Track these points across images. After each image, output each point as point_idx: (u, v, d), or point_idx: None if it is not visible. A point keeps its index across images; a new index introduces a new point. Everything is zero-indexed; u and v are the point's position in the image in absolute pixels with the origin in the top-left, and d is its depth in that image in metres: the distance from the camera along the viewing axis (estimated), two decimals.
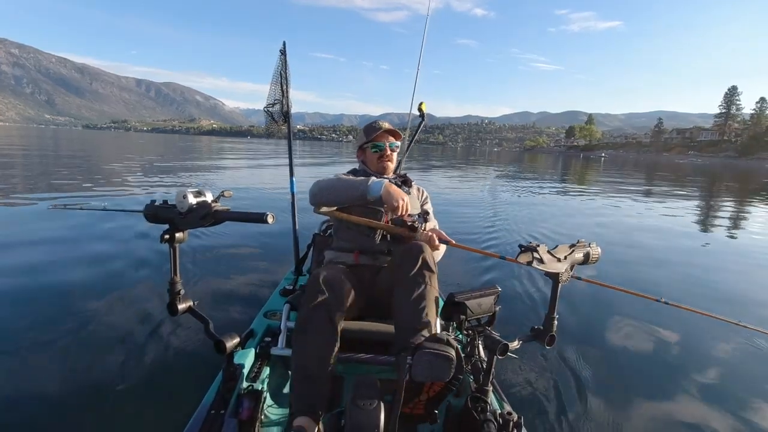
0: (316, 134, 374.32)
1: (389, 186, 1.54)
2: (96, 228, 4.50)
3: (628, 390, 2.05)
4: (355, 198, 1.57)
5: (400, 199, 1.51)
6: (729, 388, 2.12)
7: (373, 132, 1.82)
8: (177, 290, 1.17)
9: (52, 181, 8.53)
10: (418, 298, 1.37)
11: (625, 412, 1.88)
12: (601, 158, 71.41)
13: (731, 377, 2.23)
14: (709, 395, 2.04)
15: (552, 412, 1.82)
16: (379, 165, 1.85)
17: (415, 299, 1.37)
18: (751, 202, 12.01)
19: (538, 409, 1.84)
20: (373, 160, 1.86)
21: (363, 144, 1.89)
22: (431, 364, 1.10)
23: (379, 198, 1.52)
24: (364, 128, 1.90)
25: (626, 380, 2.15)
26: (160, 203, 1.14)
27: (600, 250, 1.34)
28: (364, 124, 1.92)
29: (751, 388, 2.14)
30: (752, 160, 68.08)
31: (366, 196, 1.54)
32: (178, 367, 2.02)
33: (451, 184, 12.79)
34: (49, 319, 2.46)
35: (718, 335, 2.66)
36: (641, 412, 1.89)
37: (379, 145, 1.82)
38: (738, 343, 2.58)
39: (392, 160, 1.88)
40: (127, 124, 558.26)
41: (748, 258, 5.00)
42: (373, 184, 1.54)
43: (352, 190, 1.56)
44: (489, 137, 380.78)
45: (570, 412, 1.82)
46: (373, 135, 1.81)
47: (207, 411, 1.20)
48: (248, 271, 3.49)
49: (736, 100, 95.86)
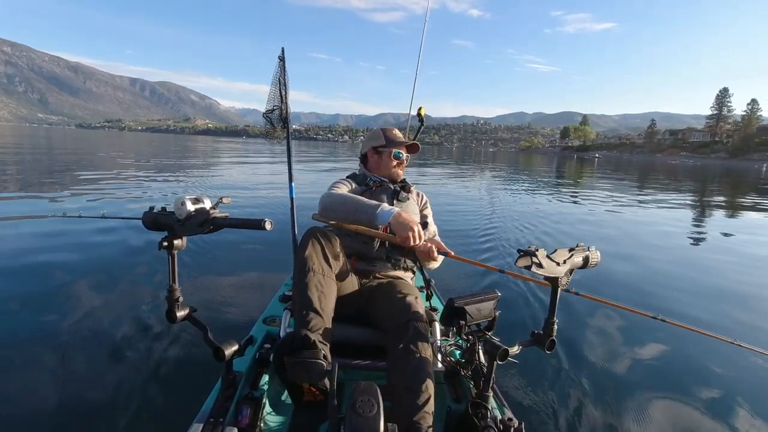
0: (312, 134, 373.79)
1: (399, 215, 1.51)
2: (94, 235, 4.45)
3: (629, 395, 2.05)
4: (362, 222, 1.56)
5: (410, 230, 1.47)
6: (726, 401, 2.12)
7: (396, 140, 1.93)
8: (176, 297, 1.16)
9: (48, 186, 8.46)
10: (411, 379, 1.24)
11: (625, 418, 1.87)
12: (594, 159, 71.99)
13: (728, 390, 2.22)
14: (705, 404, 2.05)
15: (553, 417, 1.82)
16: (393, 171, 1.93)
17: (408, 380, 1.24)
18: (742, 204, 12.12)
19: (540, 414, 1.84)
20: (388, 165, 1.92)
21: (380, 147, 1.91)
22: None
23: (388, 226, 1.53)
24: (384, 133, 1.95)
25: (627, 385, 2.15)
26: (159, 210, 1.13)
27: (599, 254, 1.33)
28: (360, 124, 1.97)
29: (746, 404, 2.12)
30: (743, 161, 69.00)
31: (373, 222, 1.53)
32: (177, 374, 2.01)
33: (448, 188, 12.79)
34: (45, 327, 2.44)
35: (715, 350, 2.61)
36: (642, 419, 1.89)
37: (399, 154, 1.92)
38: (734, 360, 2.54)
39: (403, 170, 1.99)
40: (121, 123, 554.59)
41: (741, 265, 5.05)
42: (382, 213, 1.51)
43: (361, 214, 1.55)
44: (485, 138, 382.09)
45: (571, 418, 1.82)
46: (396, 144, 1.92)
47: (206, 419, 1.19)
48: (247, 277, 3.47)
49: (727, 101, 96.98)
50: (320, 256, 1.41)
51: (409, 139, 2.09)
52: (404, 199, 1.84)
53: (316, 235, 1.45)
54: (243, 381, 1.35)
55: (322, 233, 1.46)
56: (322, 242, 1.43)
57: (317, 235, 1.45)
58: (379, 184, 1.87)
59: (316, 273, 1.36)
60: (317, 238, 1.44)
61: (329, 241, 1.46)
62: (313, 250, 1.40)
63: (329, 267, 1.41)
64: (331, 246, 1.46)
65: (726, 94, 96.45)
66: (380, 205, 1.55)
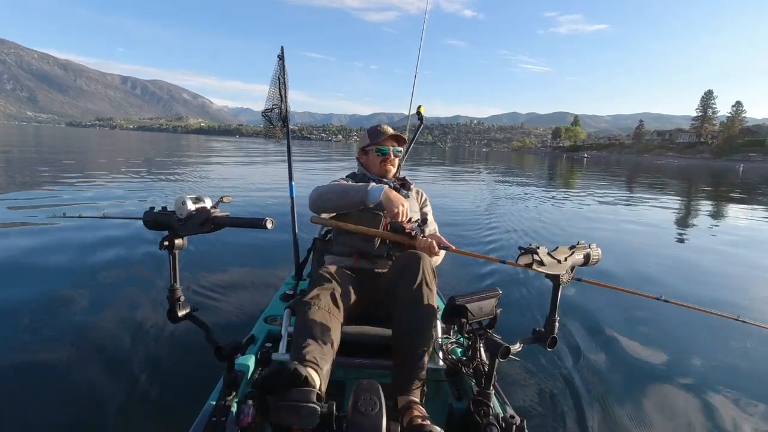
0: (305, 134, 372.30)
1: (389, 192, 1.54)
2: (94, 235, 4.40)
3: (631, 390, 2.07)
4: (355, 203, 1.57)
5: (400, 205, 1.51)
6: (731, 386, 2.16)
7: (379, 136, 1.85)
8: (177, 297, 1.15)
9: (47, 186, 8.33)
10: (417, 320, 1.37)
11: (627, 413, 1.89)
12: (583, 159, 72.78)
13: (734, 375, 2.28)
14: (710, 393, 2.08)
15: (555, 415, 1.83)
16: (381, 168, 1.88)
17: (414, 320, 1.37)
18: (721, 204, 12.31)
19: (542, 412, 1.85)
20: (375, 163, 1.88)
21: (366, 146, 1.90)
22: None
23: (379, 203, 1.53)
24: (369, 131, 1.91)
25: (628, 381, 2.16)
26: (159, 210, 1.13)
27: (600, 251, 1.34)
28: (354, 124, 1.95)
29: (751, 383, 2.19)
30: (726, 162, 70.34)
31: (366, 201, 1.54)
32: (178, 374, 2.00)
33: (447, 187, 12.83)
34: (46, 327, 2.42)
35: (718, 332, 2.71)
36: (645, 413, 1.91)
37: (384, 149, 1.86)
38: (738, 339, 2.64)
39: (394, 165, 1.92)
40: (112, 122, 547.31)
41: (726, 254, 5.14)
42: (372, 190, 1.54)
43: (352, 196, 1.57)
44: (478, 138, 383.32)
45: (573, 415, 1.83)
46: (379, 139, 1.85)
47: (208, 418, 1.18)
48: (248, 276, 3.46)
49: (711, 103, 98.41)
50: (328, 297, 1.35)
51: (409, 138, 2.09)
52: (405, 196, 1.83)
53: (326, 278, 1.41)
54: (245, 380, 1.34)
55: (332, 275, 1.43)
56: (333, 286, 1.39)
57: (327, 278, 1.41)
58: (378, 181, 1.87)
59: (321, 308, 1.30)
60: (328, 281, 1.40)
61: (340, 284, 1.42)
62: (321, 290, 1.35)
63: (337, 308, 1.35)
64: (341, 289, 1.41)
65: (710, 96, 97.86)
66: (369, 184, 1.57)
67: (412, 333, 1.36)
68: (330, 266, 1.53)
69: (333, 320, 1.29)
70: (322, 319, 1.26)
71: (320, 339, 1.20)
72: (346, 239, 1.71)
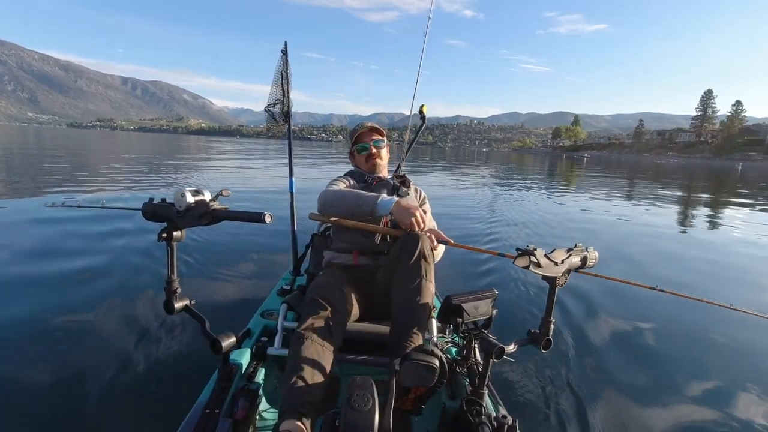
0: (305, 134, 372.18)
1: (400, 203, 1.52)
2: (92, 225, 4.42)
3: (624, 392, 2.06)
4: (363, 215, 1.55)
5: (415, 214, 1.48)
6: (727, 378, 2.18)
7: (355, 133, 1.86)
8: (174, 289, 1.16)
9: (43, 178, 8.34)
10: (413, 293, 1.38)
11: (621, 414, 1.88)
12: (583, 158, 72.74)
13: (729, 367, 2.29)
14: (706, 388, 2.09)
15: (547, 415, 1.82)
16: (368, 165, 1.88)
17: (411, 293, 1.38)
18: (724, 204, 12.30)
19: (534, 412, 1.84)
20: (361, 161, 1.89)
21: (351, 149, 1.92)
22: (417, 373, 1.13)
23: (390, 215, 1.52)
24: (350, 134, 1.92)
25: (622, 382, 2.15)
26: (158, 201, 1.13)
27: (597, 254, 1.34)
28: (354, 124, 1.94)
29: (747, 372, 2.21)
30: (725, 161, 70.58)
31: (375, 213, 1.53)
32: (174, 366, 2.00)
33: (446, 187, 12.83)
34: (41, 317, 2.42)
35: (713, 323, 2.72)
36: (638, 414, 1.90)
37: (364, 145, 1.86)
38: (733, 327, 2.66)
39: (381, 157, 1.90)
40: (113, 123, 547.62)
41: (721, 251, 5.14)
42: (382, 203, 1.52)
43: (362, 207, 1.54)
44: (478, 138, 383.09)
45: (565, 416, 1.82)
46: (356, 136, 1.86)
47: (201, 410, 1.18)
48: (245, 270, 3.47)
49: (711, 103, 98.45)
50: (322, 327, 1.30)
51: (410, 138, 2.09)
52: (404, 194, 1.83)
53: (322, 304, 1.34)
54: (239, 374, 1.35)
55: (326, 299, 1.36)
56: (327, 314, 1.33)
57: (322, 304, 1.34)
58: (379, 179, 1.87)
59: (314, 342, 1.25)
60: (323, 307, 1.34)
61: (336, 302, 1.37)
62: (315, 320, 1.30)
63: (330, 337, 1.30)
64: (337, 314, 1.36)
65: (710, 95, 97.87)
66: (379, 196, 1.55)
67: (411, 300, 1.37)
68: (324, 277, 1.51)
69: (325, 353, 1.25)
70: (314, 355, 1.22)
71: (311, 379, 1.18)
72: (346, 236, 1.71)
